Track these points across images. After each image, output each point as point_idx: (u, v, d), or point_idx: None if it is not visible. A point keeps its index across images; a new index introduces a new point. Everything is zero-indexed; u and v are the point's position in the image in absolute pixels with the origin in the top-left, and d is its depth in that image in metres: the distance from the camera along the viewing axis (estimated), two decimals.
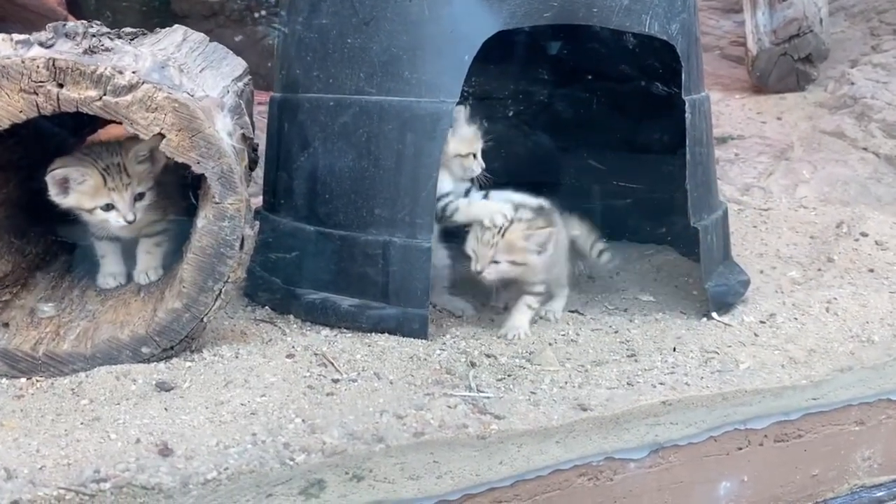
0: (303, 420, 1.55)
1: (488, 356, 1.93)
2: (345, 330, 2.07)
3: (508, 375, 1.82)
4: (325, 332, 2.08)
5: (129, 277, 2.10)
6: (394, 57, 2.04)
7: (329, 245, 2.14)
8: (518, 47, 2.55)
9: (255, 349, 1.93)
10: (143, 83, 1.68)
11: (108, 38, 1.89)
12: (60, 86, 1.66)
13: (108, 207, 1.92)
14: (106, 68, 1.67)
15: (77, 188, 1.88)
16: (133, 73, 1.69)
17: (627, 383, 1.79)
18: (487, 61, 2.11)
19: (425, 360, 1.90)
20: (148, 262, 2.07)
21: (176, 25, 2.43)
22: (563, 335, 2.07)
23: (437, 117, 2.00)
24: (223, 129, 1.80)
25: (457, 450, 1.49)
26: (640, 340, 2.05)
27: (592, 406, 1.67)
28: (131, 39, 2.02)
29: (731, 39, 4.89)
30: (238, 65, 2.38)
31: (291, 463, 1.42)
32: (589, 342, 2.04)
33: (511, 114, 2.86)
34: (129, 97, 1.68)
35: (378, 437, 1.48)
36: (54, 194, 1.88)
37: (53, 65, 1.64)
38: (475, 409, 1.63)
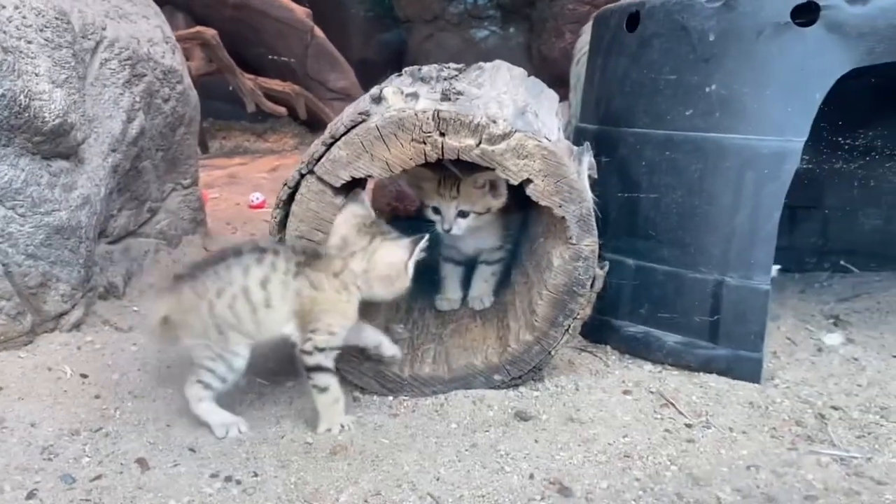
0: (679, 468, 1.58)
1: (834, 409, 1.85)
2: (668, 367, 2.10)
3: (868, 433, 1.74)
4: (648, 367, 2.11)
5: (462, 301, 2.25)
6: (735, 94, 2.01)
7: (651, 280, 2.17)
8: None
9: (590, 382, 2.00)
10: (515, 132, 1.78)
11: (455, 79, 2.04)
12: (442, 135, 1.79)
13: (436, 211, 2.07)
14: (482, 118, 1.78)
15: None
16: (504, 121, 1.79)
17: None
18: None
19: (767, 408, 1.87)
20: (483, 289, 2.20)
21: (497, 61, 2.55)
22: None
23: (783, 156, 1.95)
24: (580, 172, 1.87)
25: None
26: None
27: None
28: (455, 76, 2.14)
29: None
30: (553, 98, 2.45)
31: None
32: None
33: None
34: (502, 145, 1.78)
35: (768, 496, 1.47)
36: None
37: (438, 116, 1.78)
38: (850, 472, 1.58)
